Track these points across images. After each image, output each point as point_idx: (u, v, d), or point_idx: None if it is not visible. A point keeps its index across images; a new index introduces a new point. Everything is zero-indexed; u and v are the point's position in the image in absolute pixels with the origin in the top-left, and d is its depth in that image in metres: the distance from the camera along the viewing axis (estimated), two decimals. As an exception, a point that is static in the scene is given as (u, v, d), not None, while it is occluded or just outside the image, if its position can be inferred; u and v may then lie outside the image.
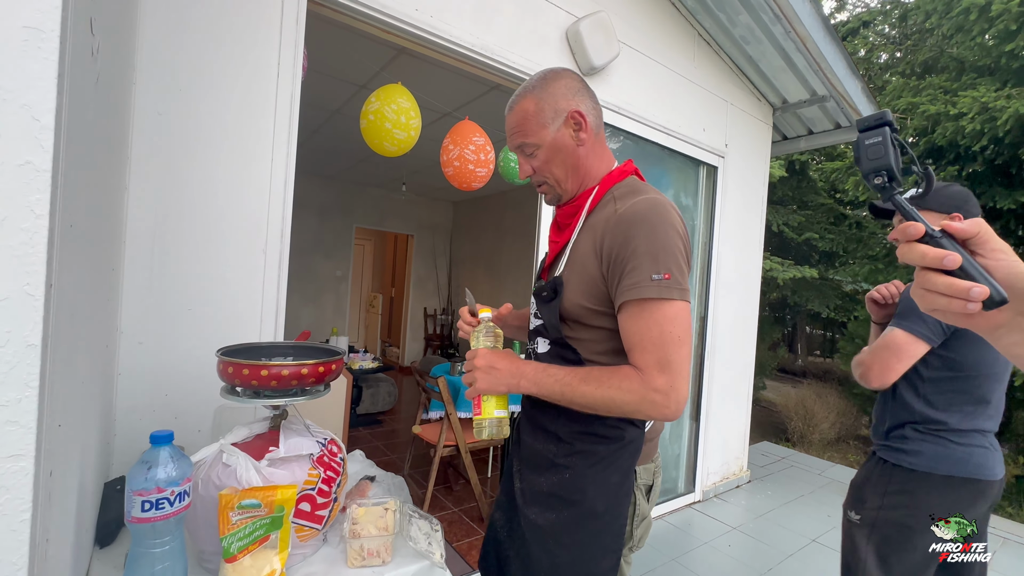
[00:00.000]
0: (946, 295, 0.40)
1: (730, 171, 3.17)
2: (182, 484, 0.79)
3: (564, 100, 0.91)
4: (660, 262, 0.79)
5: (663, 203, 0.84)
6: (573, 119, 0.91)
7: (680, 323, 0.79)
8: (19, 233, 0.41)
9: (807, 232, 6.38)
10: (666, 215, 0.82)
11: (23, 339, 0.41)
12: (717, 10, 2.70)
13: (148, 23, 1.29)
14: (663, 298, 0.78)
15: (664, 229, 0.81)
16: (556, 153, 0.92)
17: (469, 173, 2.49)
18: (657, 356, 0.78)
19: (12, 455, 0.41)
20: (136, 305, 1.30)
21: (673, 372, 0.78)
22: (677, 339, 0.79)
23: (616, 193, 0.91)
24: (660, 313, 0.79)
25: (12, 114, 0.41)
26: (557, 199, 0.99)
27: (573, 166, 0.93)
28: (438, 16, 1.85)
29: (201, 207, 1.39)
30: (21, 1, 0.40)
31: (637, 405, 0.79)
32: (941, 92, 4.54)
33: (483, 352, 0.91)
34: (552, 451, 0.93)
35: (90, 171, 0.71)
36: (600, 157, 0.96)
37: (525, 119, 0.92)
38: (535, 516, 0.93)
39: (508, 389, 0.88)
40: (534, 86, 0.92)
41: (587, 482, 0.89)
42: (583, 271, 0.88)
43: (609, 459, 0.89)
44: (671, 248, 0.80)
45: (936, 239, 0.41)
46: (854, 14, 8.22)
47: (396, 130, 2.05)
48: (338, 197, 6.33)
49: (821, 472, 3.87)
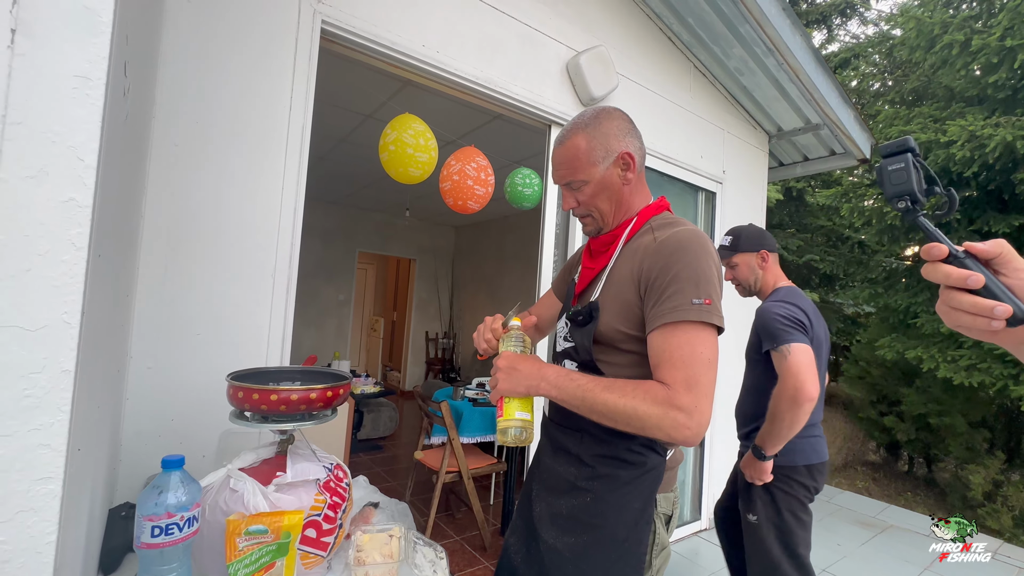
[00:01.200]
0: (970, 313, 0.42)
1: (728, 196, 3.23)
2: (191, 509, 0.80)
3: (616, 140, 0.94)
4: (701, 288, 0.81)
5: (702, 234, 0.88)
6: (623, 159, 0.94)
7: (712, 348, 0.80)
8: (60, 265, 0.44)
9: (807, 254, 6.43)
10: (706, 245, 0.86)
11: (59, 365, 0.43)
12: (712, 44, 2.81)
13: (168, 59, 1.35)
14: (702, 321, 0.80)
15: (705, 258, 0.84)
16: (603, 190, 0.96)
17: (467, 189, 2.45)
18: (685, 374, 0.77)
19: (43, 478, 0.43)
20: (147, 330, 1.32)
21: (699, 393, 0.77)
22: (708, 361, 0.79)
23: (654, 224, 0.94)
24: (694, 334, 0.79)
25: (59, 155, 0.44)
26: (598, 231, 1.02)
27: (618, 201, 0.97)
28: (444, 51, 1.93)
29: (213, 234, 1.42)
30: (73, 52, 0.44)
31: (659, 420, 0.76)
32: (931, 120, 4.65)
33: (507, 354, 0.91)
34: (574, 474, 0.93)
35: (115, 203, 0.74)
36: (641, 193, 1.01)
37: (576, 156, 0.94)
38: (554, 540, 0.92)
39: (528, 391, 0.87)
40: (587, 124, 0.95)
41: (609, 507, 0.88)
42: (620, 296, 0.90)
43: (632, 484, 0.89)
44: (711, 277, 0.83)
45: (959, 259, 0.43)
46: (844, 46, 8.48)
47: (419, 153, 2.11)
48: (341, 222, 6.42)
49: (829, 499, 3.80)
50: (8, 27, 0.41)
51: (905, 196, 0.50)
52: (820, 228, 7.04)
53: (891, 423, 5.32)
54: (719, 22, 2.62)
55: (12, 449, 0.42)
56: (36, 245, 0.43)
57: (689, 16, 2.66)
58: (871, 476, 5.33)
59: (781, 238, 6.58)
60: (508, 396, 0.88)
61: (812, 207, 7.14)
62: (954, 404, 4.73)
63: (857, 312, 6.95)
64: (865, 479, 5.15)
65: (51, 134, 0.43)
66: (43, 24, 0.42)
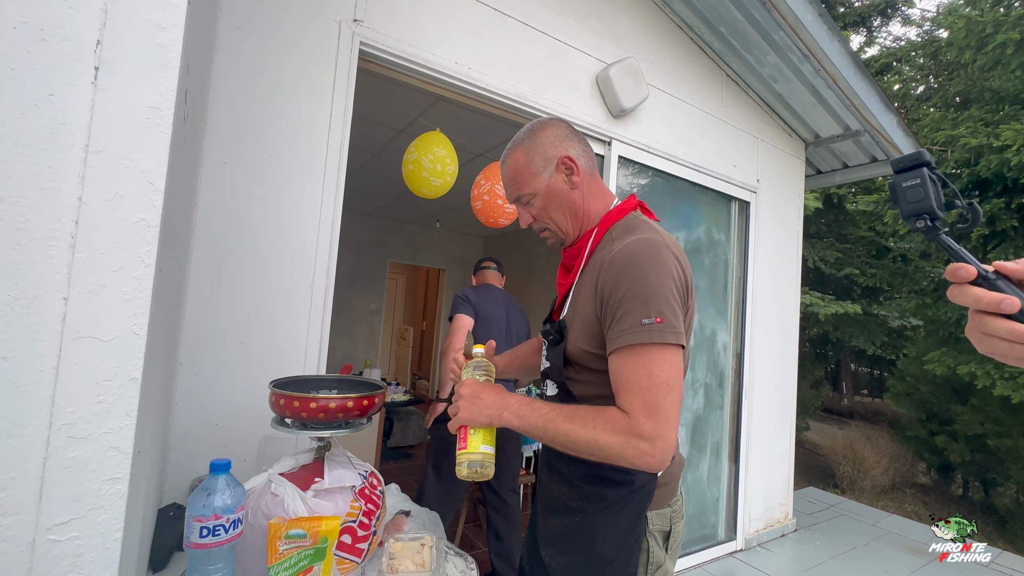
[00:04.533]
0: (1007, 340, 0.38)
1: (762, 206, 3.16)
2: (236, 512, 0.83)
3: (552, 148, 0.94)
4: (651, 305, 0.77)
5: (655, 243, 0.82)
6: (564, 164, 0.93)
7: (670, 368, 0.76)
8: (131, 280, 0.48)
9: (846, 268, 6.17)
10: (657, 255, 0.80)
11: (128, 373, 0.47)
12: (744, 52, 2.77)
13: (218, 82, 1.44)
14: (654, 342, 0.76)
15: (654, 270, 0.79)
16: (552, 199, 0.94)
17: (497, 208, 2.55)
18: (644, 399, 0.75)
19: (112, 478, 0.46)
20: (194, 338, 1.39)
21: (660, 417, 0.74)
22: (665, 384, 0.75)
23: (614, 233, 0.91)
24: (649, 357, 0.76)
25: (133, 179, 0.48)
26: (560, 242, 1.01)
27: (571, 209, 0.95)
28: (475, 67, 1.97)
29: (256, 247, 1.49)
30: (147, 85, 0.48)
31: (621, 449, 0.74)
32: (982, 124, 4.43)
33: (470, 382, 0.89)
34: (565, 494, 0.92)
35: (174, 220, 0.79)
36: (598, 197, 0.97)
37: (518, 171, 0.95)
38: (549, 558, 0.93)
39: (490, 420, 0.84)
40: (523, 139, 0.96)
41: (597, 527, 0.87)
42: (583, 315, 0.88)
43: (619, 504, 0.86)
44: (662, 290, 0.78)
45: (990, 281, 0.40)
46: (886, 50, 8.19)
47: (432, 178, 2.20)
48: (374, 233, 6.58)
49: (875, 522, 3.61)
50: (92, 65, 0.46)
51: (924, 214, 0.46)
52: (862, 239, 6.76)
53: (943, 443, 5.01)
54: (752, 30, 2.59)
55: (87, 451, 0.45)
56: (111, 262, 0.47)
57: (721, 25, 2.64)
58: (921, 499, 5.02)
59: (818, 249, 6.34)
60: (471, 426, 0.86)
61: (852, 215, 6.87)
62: (1015, 424, 4.42)
63: (903, 325, 6.62)
64: (914, 502, 4.86)
65: (126, 160, 0.47)
66: (122, 61, 0.46)
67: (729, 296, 3.06)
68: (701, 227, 2.92)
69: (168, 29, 0.50)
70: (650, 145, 2.56)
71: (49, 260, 0.46)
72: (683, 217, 2.82)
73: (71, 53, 0.46)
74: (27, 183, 0.45)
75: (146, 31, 0.49)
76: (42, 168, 0.46)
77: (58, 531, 0.45)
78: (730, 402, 3.03)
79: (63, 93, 0.47)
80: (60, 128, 0.47)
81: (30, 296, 0.46)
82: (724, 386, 3.01)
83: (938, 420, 5.29)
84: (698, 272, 2.84)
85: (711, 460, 2.92)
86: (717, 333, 2.97)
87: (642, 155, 2.54)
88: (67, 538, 0.45)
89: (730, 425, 3.03)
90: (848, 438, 5.36)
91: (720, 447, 2.98)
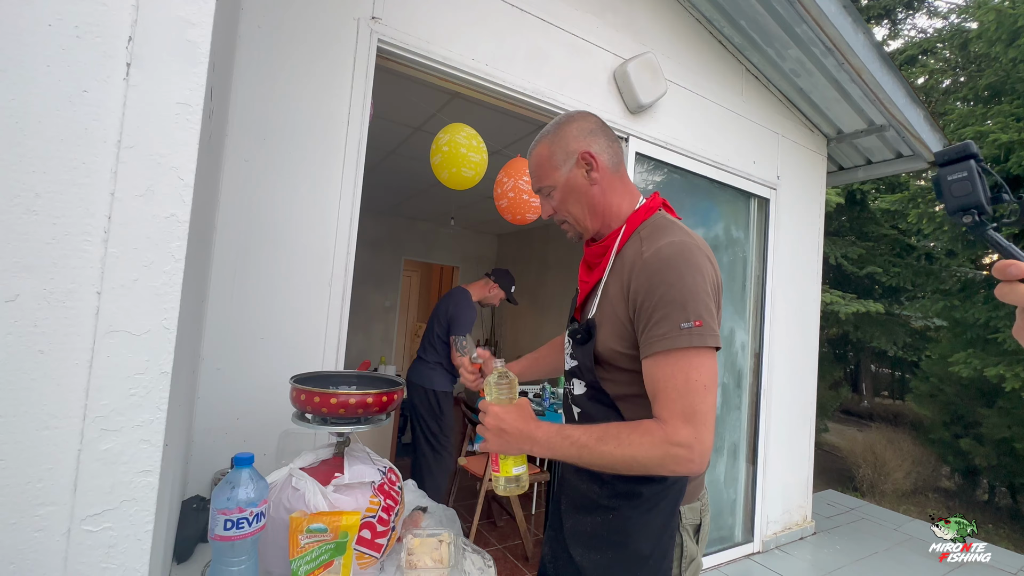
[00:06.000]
0: None
1: (783, 203, 3.10)
2: (259, 505, 0.84)
3: (575, 142, 0.94)
4: (689, 309, 0.77)
5: (690, 246, 0.83)
6: (584, 160, 0.93)
7: (707, 371, 0.77)
8: (161, 275, 0.48)
9: (868, 266, 6.03)
10: (692, 259, 0.81)
11: (159, 367, 0.48)
12: (765, 45, 2.71)
13: (239, 80, 1.45)
14: (694, 346, 0.76)
15: (692, 274, 0.79)
16: (570, 193, 0.95)
17: (524, 204, 2.51)
18: (682, 405, 0.75)
19: (143, 470, 0.47)
20: (217, 334, 1.41)
21: (698, 423, 0.75)
22: (703, 388, 0.76)
23: (643, 233, 0.90)
24: (687, 362, 0.76)
25: (163, 175, 0.49)
26: (578, 236, 1.02)
27: (590, 204, 0.95)
28: (493, 64, 1.96)
29: (277, 244, 1.51)
30: (178, 81, 0.48)
31: (660, 460, 0.75)
32: (1012, 119, 4.28)
33: (493, 411, 0.86)
34: (596, 492, 0.92)
35: (200, 216, 0.80)
36: (622, 195, 0.97)
37: (540, 163, 0.96)
38: (580, 557, 0.92)
39: (520, 452, 0.85)
40: (548, 131, 0.97)
41: (631, 524, 0.87)
42: (613, 314, 0.87)
43: (653, 500, 0.87)
44: (699, 294, 0.79)
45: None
46: (911, 42, 7.97)
47: (472, 153, 2.17)
48: (389, 231, 6.62)
49: (897, 527, 3.53)
50: (124, 62, 0.46)
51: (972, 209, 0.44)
52: (883, 237, 6.59)
53: (968, 447, 4.88)
54: (773, 23, 2.53)
55: (119, 443, 0.46)
56: (143, 257, 0.47)
57: (741, 18, 2.59)
58: (944, 504, 4.90)
59: (840, 246, 6.21)
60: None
61: (874, 213, 6.71)
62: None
63: (926, 325, 6.45)
64: (938, 507, 4.74)
65: (157, 156, 0.48)
66: (153, 57, 0.47)
67: (748, 295, 3.01)
68: (720, 224, 2.88)
69: (198, 25, 0.50)
70: (668, 141, 2.52)
71: (83, 255, 0.47)
72: (701, 214, 2.78)
73: (104, 50, 0.47)
74: (62, 179, 0.46)
75: (176, 27, 0.50)
76: (76, 164, 0.47)
77: (92, 522, 0.46)
78: (748, 402, 2.99)
79: (96, 89, 0.47)
80: (93, 124, 0.48)
81: (65, 290, 0.46)
82: (742, 386, 2.96)
83: (963, 423, 5.14)
84: (716, 270, 2.80)
85: (728, 461, 2.88)
86: (735, 332, 2.92)
87: (660, 151, 2.51)
88: (101, 528, 0.46)
89: (748, 426, 2.98)
90: (868, 440, 5.24)
91: (738, 448, 2.94)
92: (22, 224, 0.45)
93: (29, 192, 0.45)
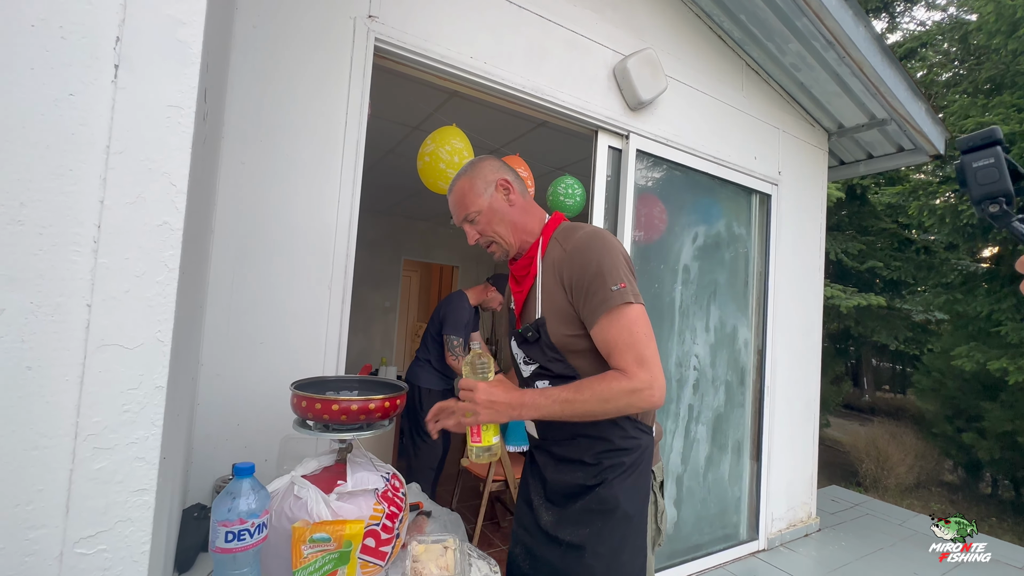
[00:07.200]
0: None
1: (784, 199, 3.08)
2: (261, 516, 0.82)
3: (492, 174, 1.11)
4: (613, 276, 0.94)
5: (599, 231, 1.03)
6: (503, 185, 1.11)
7: (642, 321, 0.94)
8: (154, 286, 0.46)
9: (869, 261, 6.01)
10: (604, 239, 1.00)
11: (153, 382, 0.46)
12: (766, 40, 2.69)
13: (235, 82, 1.43)
14: (626, 302, 0.93)
15: (607, 251, 0.97)
16: (494, 215, 1.10)
17: None
18: (634, 355, 0.92)
19: (138, 489, 0.45)
20: (215, 340, 1.39)
21: (650, 365, 0.91)
22: (645, 336, 0.93)
23: (559, 237, 1.08)
24: (626, 318, 0.93)
25: (154, 181, 0.46)
26: (505, 254, 1.14)
27: (512, 223, 1.10)
28: (491, 62, 1.94)
29: (275, 247, 1.49)
30: (168, 83, 0.46)
31: (628, 398, 0.91)
32: (1014, 110, 4.26)
33: (481, 386, 0.98)
34: (582, 476, 1.03)
35: (195, 222, 0.78)
36: (533, 214, 1.14)
37: (464, 194, 1.11)
38: (569, 536, 1.02)
39: (510, 419, 0.97)
40: (466, 171, 1.13)
41: (618, 491, 1.00)
42: (555, 306, 1.02)
43: (634, 466, 1.01)
44: (617, 264, 0.96)
45: None
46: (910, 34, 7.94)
47: (449, 170, 2.14)
48: (388, 231, 6.59)
49: (902, 522, 3.52)
50: (112, 63, 0.44)
51: (999, 197, 0.42)
52: (883, 231, 6.57)
53: (971, 440, 4.87)
54: (773, 17, 2.51)
55: (113, 462, 0.44)
56: (135, 267, 0.45)
57: (741, 13, 2.56)
58: (948, 498, 4.90)
59: (840, 241, 6.19)
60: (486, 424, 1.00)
61: (875, 207, 6.68)
62: (1047, 422, 4.27)
63: (927, 319, 6.43)
64: (941, 501, 4.74)
65: (148, 162, 0.45)
66: (142, 58, 0.45)
67: (750, 291, 2.99)
68: (721, 221, 2.86)
69: (189, 24, 0.48)
70: (668, 138, 2.50)
71: (72, 266, 0.45)
72: (703, 211, 2.76)
73: (90, 51, 0.45)
74: (48, 186, 0.44)
75: (166, 27, 0.47)
76: (63, 170, 0.45)
77: (86, 544, 0.44)
78: (751, 399, 2.97)
79: (83, 92, 0.45)
80: (80, 129, 0.45)
81: (54, 303, 0.44)
82: (745, 383, 2.95)
83: (965, 416, 5.13)
84: (718, 267, 2.77)
85: (732, 458, 2.87)
86: (738, 329, 2.91)
87: (661, 148, 2.49)
88: (95, 551, 0.44)
89: (752, 423, 2.97)
90: (871, 435, 5.23)
91: (742, 445, 2.92)
92: (7, 235, 0.43)
93: (14, 201, 0.43)
